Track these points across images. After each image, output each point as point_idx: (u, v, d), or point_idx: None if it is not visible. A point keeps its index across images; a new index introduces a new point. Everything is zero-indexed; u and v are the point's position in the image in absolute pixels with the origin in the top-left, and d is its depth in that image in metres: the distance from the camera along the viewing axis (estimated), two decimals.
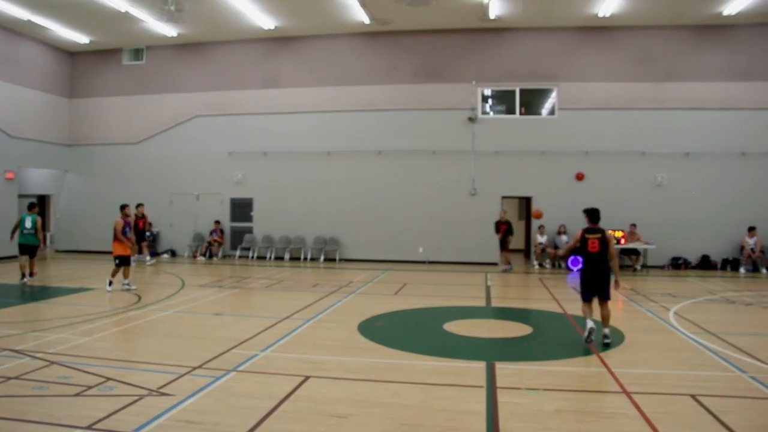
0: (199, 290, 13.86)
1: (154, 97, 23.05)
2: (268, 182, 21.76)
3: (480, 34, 20.34)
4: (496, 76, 20.39)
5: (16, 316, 10.45)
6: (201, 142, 22.42)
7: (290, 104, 21.67)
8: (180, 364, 7.30)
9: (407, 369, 7.28)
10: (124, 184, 22.92)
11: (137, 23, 20.04)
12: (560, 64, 19.96)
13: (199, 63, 22.64)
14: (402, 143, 20.73)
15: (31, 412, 5.63)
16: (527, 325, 10.28)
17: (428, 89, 20.63)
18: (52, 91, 23.13)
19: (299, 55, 21.69)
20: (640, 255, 18.78)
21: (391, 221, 20.31)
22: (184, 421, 5.44)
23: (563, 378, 6.94)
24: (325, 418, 5.55)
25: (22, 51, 21.65)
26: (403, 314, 11.20)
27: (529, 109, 20.51)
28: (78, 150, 23.99)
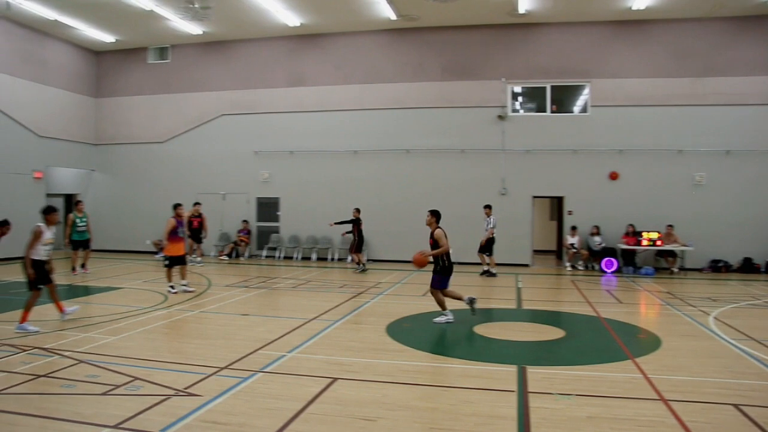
0: (226, 290, 13.87)
1: (180, 95, 23.24)
2: (295, 181, 21.76)
3: (509, 30, 20.07)
4: (526, 73, 20.08)
5: (45, 314, 10.51)
6: (227, 141, 22.52)
7: (316, 102, 21.66)
8: (206, 364, 7.26)
9: (436, 372, 7.15)
10: (150, 184, 23.18)
11: (162, 22, 20.20)
12: (593, 60, 19.57)
13: (224, 61, 22.75)
14: (430, 142, 20.56)
15: (59, 409, 5.67)
16: (559, 328, 10.04)
17: (457, 87, 20.42)
18: (79, 91, 23.46)
19: (325, 52, 21.66)
20: (678, 257, 18.31)
21: (420, 221, 19.88)
22: (210, 422, 5.39)
23: (597, 383, 6.71)
24: (353, 421, 5.44)
25: (49, 51, 21.99)
26: (431, 316, 11.03)
27: (560, 107, 20.15)
28: (104, 149, 24.30)
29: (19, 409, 5.66)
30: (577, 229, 19.23)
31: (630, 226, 18.58)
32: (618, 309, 11.91)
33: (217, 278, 16.06)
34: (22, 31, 20.61)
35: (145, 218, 22.79)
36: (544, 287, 15.84)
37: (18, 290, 13.36)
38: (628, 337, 9.37)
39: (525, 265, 19.76)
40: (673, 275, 17.82)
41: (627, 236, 18.53)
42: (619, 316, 10.93)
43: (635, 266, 18.29)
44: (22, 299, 11.89)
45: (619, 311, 11.58)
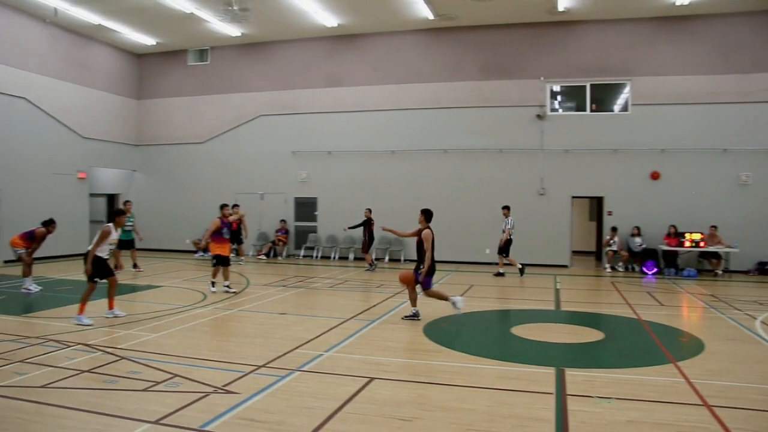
0: (264, 289, 14.01)
1: (219, 96, 23.56)
2: (333, 181, 21.86)
3: (548, 28, 19.84)
4: (565, 72, 19.83)
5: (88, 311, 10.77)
6: (265, 141, 22.75)
7: (354, 103, 21.73)
8: (245, 362, 7.35)
9: (473, 373, 7.10)
10: (190, 184, 23.56)
11: (202, 24, 20.52)
12: (634, 58, 19.20)
13: (262, 62, 22.98)
14: (468, 141, 20.45)
15: (102, 404, 5.79)
16: (598, 330, 9.89)
17: (495, 86, 20.27)
18: (121, 93, 23.98)
19: (362, 52, 21.71)
20: (722, 259, 17.86)
21: (457, 222, 20.01)
22: (248, 419, 5.45)
23: (637, 387, 6.58)
24: (390, 421, 5.45)
25: (93, 54, 22.53)
26: (469, 316, 10.98)
27: (600, 106, 19.84)
28: (145, 150, 24.79)
29: (65, 402, 5.82)
30: (616, 229, 18.92)
31: (672, 226, 18.20)
32: (659, 311, 11.68)
33: (255, 277, 16.23)
34: (68, 36, 21.15)
35: (184, 218, 23.18)
36: (583, 288, 15.62)
37: (64, 287, 13.75)
38: (670, 340, 9.19)
39: (563, 266, 19.53)
40: (717, 277, 17.40)
41: (669, 237, 18.16)
42: (660, 319, 10.72)
43: (677, 268, 17.90)
44: (66, 296, 12.23)
45: (660, 314, 11.36)
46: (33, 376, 6.67)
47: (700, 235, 17.70)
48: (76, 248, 21.01)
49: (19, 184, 18.84)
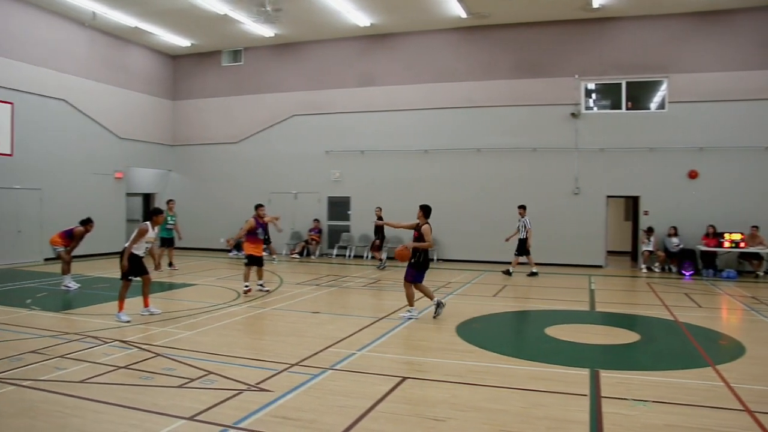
0: (297, 288, 14.11)
1: (252, 97, 23.79)
2: (365, 181, 21.90)
3: (583, 25, 19.58)
4: (600, 69, 19.54)
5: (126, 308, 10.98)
6: (298, 141, 22.90)
7: (386, 102, 21.74)
8: (278, 360, 7.40)
9: (506, 373, 7.05)
10: (224, 183, 23.83)
11: (235, 25, 20.73)
12: (671, 54, 18.83)
13: (295, 62, 23.13)
14: (501, 140, 20.31)
15: (138, 400, 5.89)
16: (634, 331, 9.74)
17: (528, 84, 20.09)
18: (156, 94, 24.38)
19: (395, 52, 21.71)
20: (763, 260, 17.42)
21: (490, 221, 19.88)
22: (281, 417, 5.49)
23: (674, 390, 6.44)
24: (422, 421, 5.44)
25: (130, 57, 22.96)
26: (502, 317, 10.92)
27: (636, 103, 19.51)
28: (180, 150, 25.15)
29: (102, 397, 5.93)
30: (653, 229, 18.60)
31: (710, 226, 17.80)
32: (697, 313, 11.45)
33: (288, 276, 16.35)
34: (106, 38, 21.57)
35: (218, 217, 23.45)
36: (618, 289, 15.40)
37: (101, 285, 14.02)
38: (708, 342, 9.01)
39: (598, 266, 19.27)
40: (758, 279, 16.97)
41: (707, 237, 17.78)
42: (699, 321, 10.51)
43: (716, 269, 17.51)
44: (104, 293, 12.47)
45: (698, 315, 11.14)
46: (72, 371, 6.82)
47: (740, 236, 17.29)
48: (113, 247, 21.43)
49: (60, 184, 19.27)
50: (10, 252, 17.85)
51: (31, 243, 18.39)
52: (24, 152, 17.69)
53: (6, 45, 17.90)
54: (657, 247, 18.55)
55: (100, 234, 20.89)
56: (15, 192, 18.12)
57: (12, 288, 13.67)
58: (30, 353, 7.60)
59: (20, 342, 8.24)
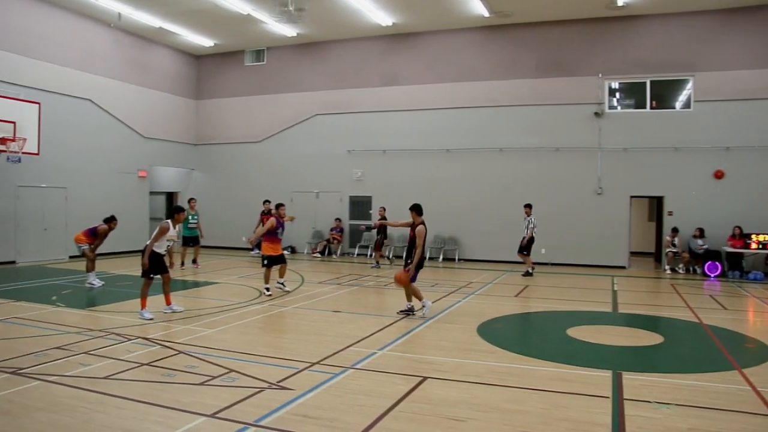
0: (318, 287, 14.15)
1: (275, 96, 23.90)
2: (387, 180, 21.89)
3: (606, 24, 19.38)
4: (624, 68, 19.33)
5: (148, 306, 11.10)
6: (320, 140, 22.96)
7: (408, 101, 21.71)
8: (299, 359, 7.43)
9: (528, 374, 7.01)
10: (246, 182, 23.97)
11: (258, 25, 20.85)
12: (697, 52, 18.55)
13: (318, 62, 23.19)
14: (524, 140, 20.19)
15: (160, 397, 5.95)
16: (657, 333, 9.64)
17: (551, 83, 19.94)
18: (180, 94, 24.61)
19: (417, 51, 21.68)
20: None
21: (512, 221, 19.71)
22: (302, 415, 5.51)
23: (698, 393, 6.36)
24: (443, 421, 5.42)
25: (154, 56, 23.21)
26: (524, 317, 10.87)
27: (660, 103, 19.27)
28: (203, 149, 25.36)
29: (125, 394, 6.01)
30: (677, 230, 18.36)
31: (737, 227, 17.52)
32: (722, 315, 11.28)
33: (309, 275, 16.40)
34: (130, 39, 21.82)
35: (241, 216, 23.58)
36: (642, 290, 15.23)
37: (125, 282, 14.17)
38: (734, 345, 8.86)
39: (621, 267, 19.08)
40: None
41: (733, 239, 17.50)
42: (724, 323, 10.35)
43: (742, 271, 17.25)
44: (127, 291, 12.61)
45: (723, 318, 10.98)
46: (96, 368, 6.91)
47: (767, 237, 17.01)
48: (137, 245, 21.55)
49: (84, 183, 19.51)
50: (36, 249, 18.14)
51: (56, 241, 18.66)
52: (50, 151, 17.94)
53: (34, 46, 18.18)
54: (681, 248, 18.32)
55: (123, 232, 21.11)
56: (41, 190, 18.39)
57: (38, 285, 13.89)
58: (55, 349, 7.72)
59: (46, 338, 8.38)
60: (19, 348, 7.81)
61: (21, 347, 7.85)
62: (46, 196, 18.52)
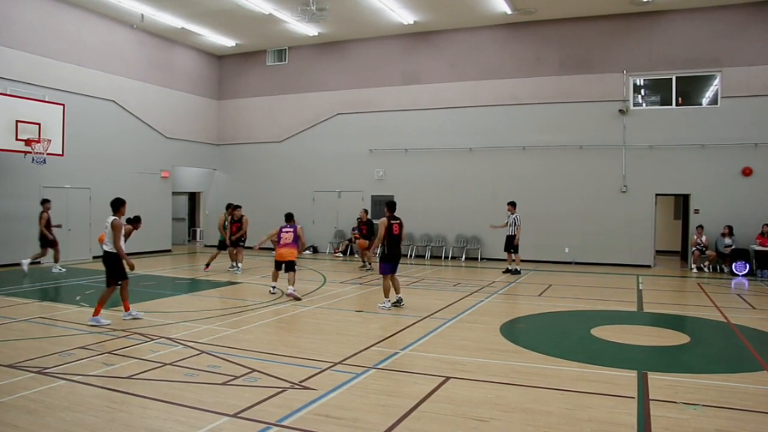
0: (340, 287, 14.14)
1: (297, 96, 23.98)
2: (409, 179, 21.83)
3: (631, 20, 19.12)
4: (649, 65, 19.07)
5: (170, 306, 11.21)
6: (342, 139, 22.99)
7: (430, 100, 21.65)
8: (321, 359, 7.42)
9: (551, 374, 6.93)
10: (268, 182, 24.07)
11: (280, 25, 20.94)
12: (724, 47, 18.22)
13: (339, 61, 23.23)
14: (547, 138, 20.02)
15: (183, 396, 5.97)
16: (684, 333, 9.49)
17: (575, 81, 19.74)
18: (202, 94, 24.80)
19: (439, 49, 21.60)
20: None
21: (536, 220, 19.56)
22: (324, 415, 5.49)
23: (726, 394, 6.24)
24: (466, 421, 5.38)
25: (176, 57, 23.42)
26: (547, 317, 10.76)
27: (686, 99, 18.99)
28: (225, 149, 25.53)
29: (149, 393, 6.04)
30: (703, 228, 18.06)
31: (766, 225, 17.18)
32: (751, 315, 11.07)
33: (332, 275, 16.41)
34: (153, 40, 22.03)
35: (263, 216, 23.55)
36: (667, 289, 15.01)
37: (148, 282, 14.30)
38: (763, 345, 8.68)
39: (647, 266, 18.83)
40: None
41: (762, 237, 17.17)
42: (753, 323, 10.16)
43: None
44: (150, 291, 12.72)
45: (752, 317, 10.77)
46: (119, 367, 6.96)
47: None
48: (160, 245, 22.04)
49: (108, 183, 19.70)
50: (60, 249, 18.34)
51: (80, 241, 18.89)
52: (74, 152, 18.17)
53: (58, 48, 18.44)
54: (708, 246, 18.02)
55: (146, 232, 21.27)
56: (66, 191, 18.62)
57: (62, 285, 14.08)
58: (79, 349, 7.79)
59: (70, 338, 8.47)
60: (44, 347, 7.90)
61: (46, 347, 7.94)
62: (70, 197, 18.75)
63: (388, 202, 11.38)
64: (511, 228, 16.92)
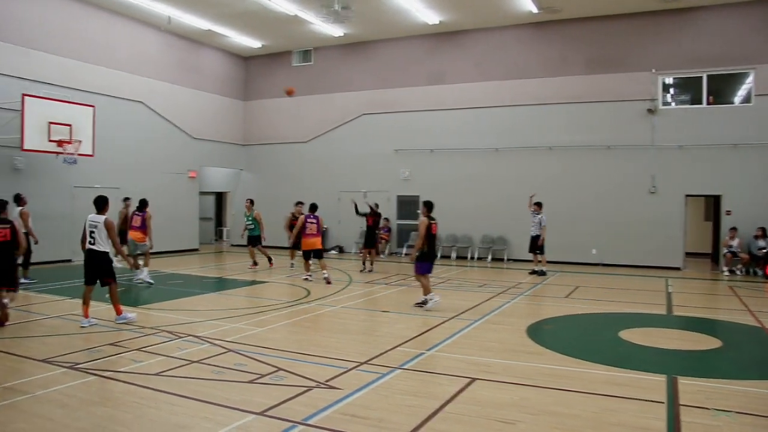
0: (366, 287, 14.16)
1: (322, 96, 24.06)
2: (435, 180, 21.74)
3: (660, 17, 18.82)
4: (678, 63, 18.77)
5: (198, 304, 11.31)
6: (367, 139, 23.01)
7: (456, 100, 21.57)
8: (347, 358, 7.43)
9: (578, 377, 6.85)
10: (294, 182, 24.15)
11: (305, 25, 21.04)
12: (758, 44, 17.78)
13: (364, 61, 23.26)
14: (574, 138, 19.82)
15: (210, 394, 6.02)
16: (715, 337, 9.28)
17: (602, 80, 19.52)
18: (229, 95, 25.03)
19: (464, 49, 21.52)
20: None
21: (562, 221, 19.37)
22: (349, 415, 5.50)
23: (761, 401, 6.09)
24: (491, 423, 5.34)
25: (203, 59, 23.67)
26: (574, 319, 10.64)
27: (718, 98, 18.61)
28: (251, 149, 25.74)
29: (176, 390, 6.10)
30: (736, 230, 17.73)
31: None
32: None
33: (357, 275, 16.43)
34: (180, 42, 22.28)
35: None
36: (698, 292, 14.78)
37: (176, 281, 14.45)
38: None
39: (676, 268, 18.54)
40: None
41: None
42: None
43: None
44: (178, 290, 12.84)
45: None
46: (148, 364, 7.05)
47: None
48: (188, 244, 22.25)
49: (136, 183, 19.90)
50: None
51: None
52: (104, 153, 18.42)
53: (88, 51, 18.76)
54: (741, 248, 17.68)
55: (174, 231, 21.67)
56: (96, 191, 18.78)
57: None
58: (109, 345, 7.92)
59: (101, 334, 8.60)
60: (75, 344, 8.04)
61: (77, 343, 8.09)
62: None
63: (426, 202, 11.33)
64: (537, 228, 16.78)
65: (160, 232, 17.50)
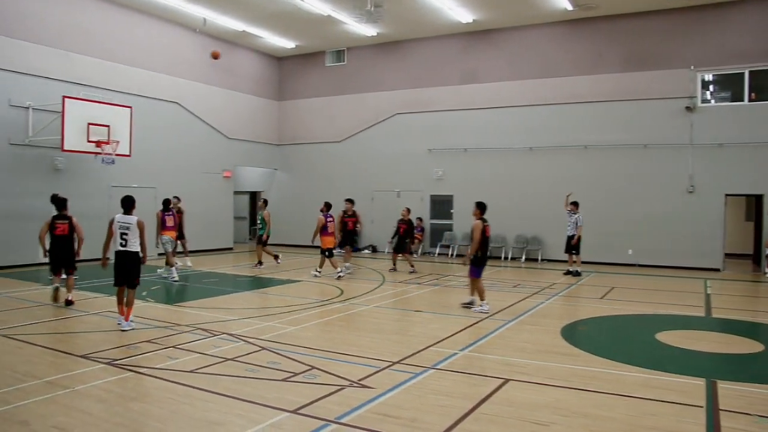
0: (400, 286, 14.16)
1: (355, 96, 24.12)
2: (469, 179, 21.63)
3: (698, 12, 18.42)
4: (718, 59, 18.33)
5: (233, 303, 11.42)
6: (401, 139, 22.98)
7: (489, 99, 21.40)
8: (380, 358, 7.44)
9: (614, 379, 6.74)
10: (328, 182, 24.21)
11: (339, 26, 21.10)
12: None
13: (397, 61, 23.23)
14: (610, 137, 19.52)
15: (244, 391, 6.08)
16: (756, 341, 9.07)
17: (639, 77, 19.18)
18: (263, 95, 25.24)
19: (497, 48, 21.35)
20: None
21: (598, 220, 19.08)
22: (382, 414, 5.50)
23: None
24: (525, 425, 5.29)
25: (238, 59, 23.90)
26: (610, 320, 10.49)
27: (761, 94, 18.09)
28: (285, 149, 25.91)
29: (210, 387, 6.17)
30: None
31: None
32: None
33: (390, 275, 16.43)
34: (215, 43, 22.47)
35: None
36: (738, 294, 14.44)
37: (211, 279, 14.62)
38: None
39: (715, 269, 18.13)
40: None
41: None
42: None
43: None
44: (214, 288, 12.98)
45: None
46: (183, 361, 7.14)
47: None
48: (222, 243, 22.51)
49: (172, 183, 20.16)
50: None
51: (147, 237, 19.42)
52: (141, 153, 18.70)
53: (126, 53, 19.13)
54: None
55: (209, 231, 21.94)
56: (133, 191, 19.14)
57: None
58: (145, 342, 8.05)
59: (137, 332, 8.75)
60: (113, 340, 8.20)
61: (115, 339, 8.25)
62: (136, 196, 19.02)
63: (478, 203, 11.24)
64: (572, 228, 16.59)
65: (196, 232, 17.73)
